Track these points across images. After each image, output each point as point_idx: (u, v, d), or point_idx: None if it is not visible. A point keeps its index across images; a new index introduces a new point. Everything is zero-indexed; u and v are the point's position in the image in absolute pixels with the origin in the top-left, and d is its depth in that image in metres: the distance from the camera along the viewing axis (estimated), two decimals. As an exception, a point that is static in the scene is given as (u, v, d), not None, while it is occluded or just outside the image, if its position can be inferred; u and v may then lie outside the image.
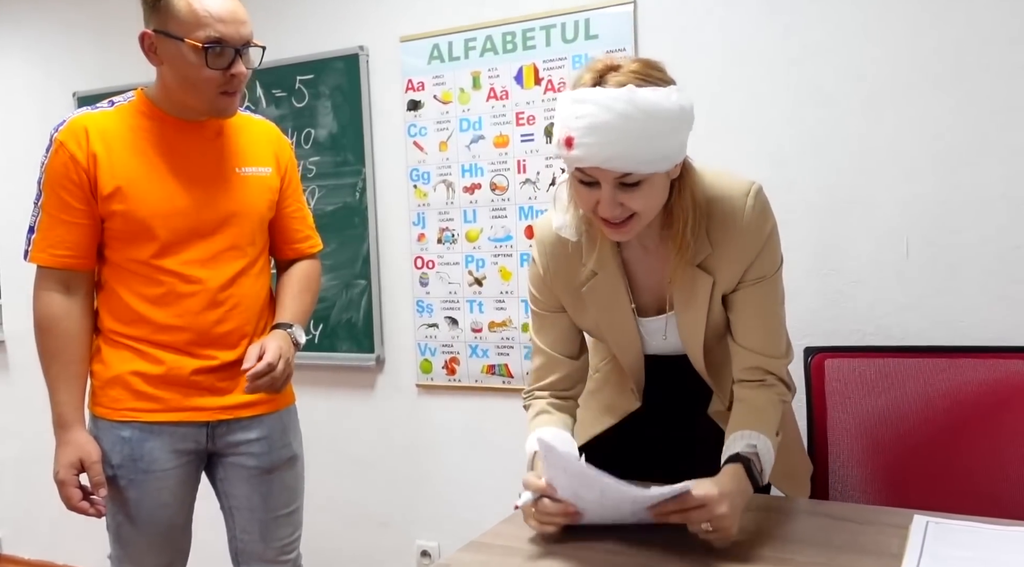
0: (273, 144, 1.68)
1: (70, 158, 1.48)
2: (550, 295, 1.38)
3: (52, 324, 1.53)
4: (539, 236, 1.37)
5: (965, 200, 1.80)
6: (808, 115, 1.93)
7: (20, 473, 3.20)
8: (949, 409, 1.66)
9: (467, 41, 2.29)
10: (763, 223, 1.25)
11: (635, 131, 1.08)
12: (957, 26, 1.78)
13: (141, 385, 1.55)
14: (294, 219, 1.73)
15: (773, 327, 1.31)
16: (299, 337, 1.62)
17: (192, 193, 1.54)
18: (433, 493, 2.48)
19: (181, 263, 1.53)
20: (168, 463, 1.57)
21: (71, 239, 1.51)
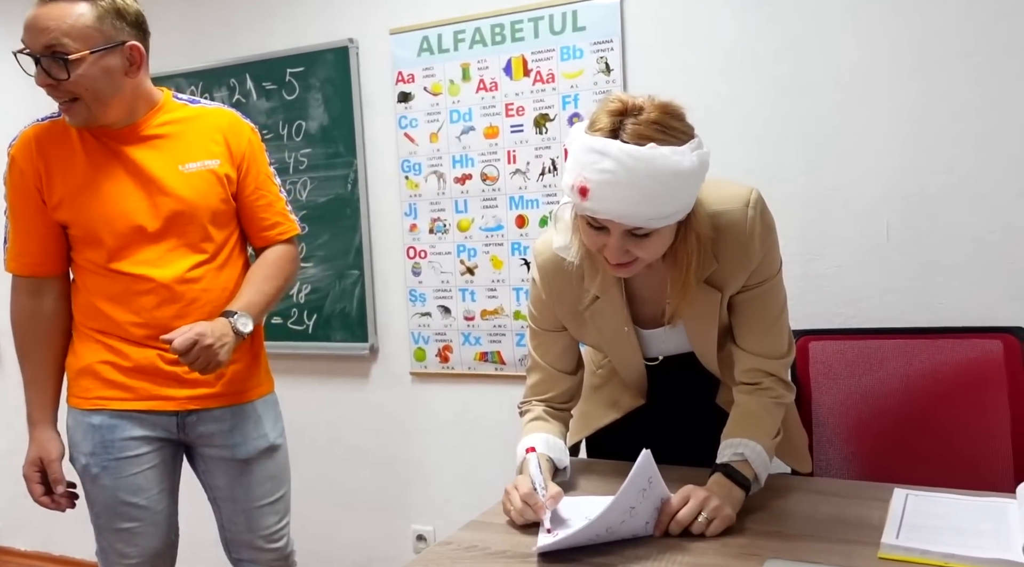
0: (224, 133, 1.63)
1: (20, 172, 1.55)
2: (550, 316, 1.40)
3: (23, 328, 1.61)
4: (539, 260, 1.38)
5: (942, 186, 1.86)
6: (790, 105, 1.98)
7: (14, 465, 3.20)
8: (928, 388, 1.72)
9: (456, 33, 2.32)
10: (765, 232, 1.27)
11: (650, 190, 1.09)
12: (933, 18, 1.84)
13: (111, 373, 1.58)
14: (258, 207, 1.68)
15: (773, 329, 1.33)
16: (242, 326, 1.55)
17: (132, 198, 1.54)
18: (428, 478, 2.53)
19: (132, 264, 1.55)
20: (139, 448, 1.59)
21: (36, 247, 1.58)
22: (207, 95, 2.67)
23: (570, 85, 2.20)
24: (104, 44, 1.45)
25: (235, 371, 1.66)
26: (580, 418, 1.56)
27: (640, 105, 1.13)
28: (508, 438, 2.38)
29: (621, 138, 1.11)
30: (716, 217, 1.25)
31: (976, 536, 1.08)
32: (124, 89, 1.50)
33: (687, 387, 1.47)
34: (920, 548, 1.04)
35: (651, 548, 1.14)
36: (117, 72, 1.48)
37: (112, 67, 1.47)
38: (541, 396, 1.45)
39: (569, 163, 1.15)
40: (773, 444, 1.30)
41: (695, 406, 1.47)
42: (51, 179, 1.54)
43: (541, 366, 1.45)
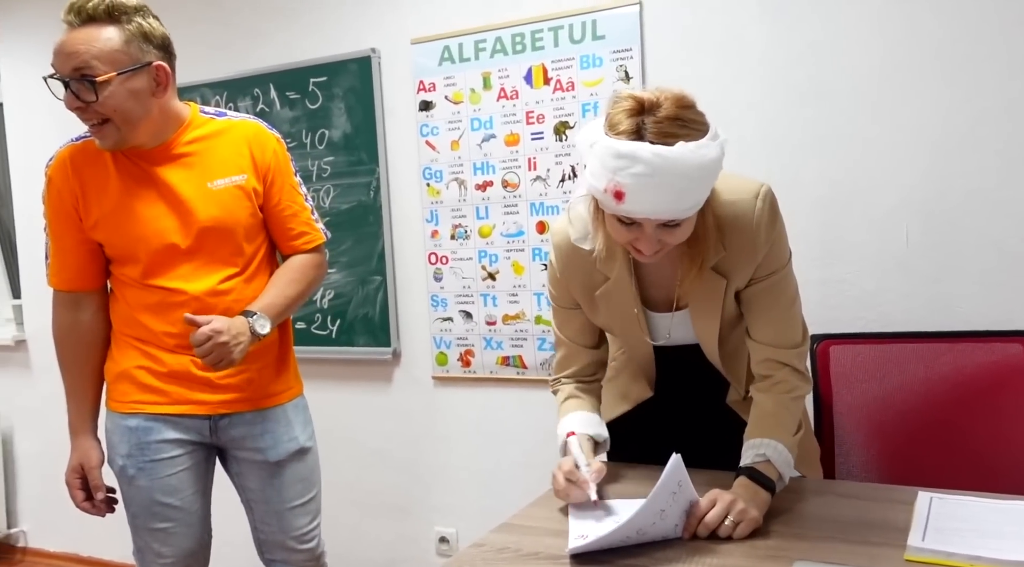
0: (250, 145, 1.66)
1: (58, 193, 1.60)
2: (567, 294, 1.46)
3: (63, 340, 1.68)
4: (555, 241, 1.44)
5: (962, 190, 1.88)
6: (809, 111, 2.00)
7: (44, 468, 3.28)
8: (949, 391, 1.74)
9: (477, 42, 2.35)
10: (772, 224, 1.31)
11: (682, 186, 1.14)
12: (953, 24, 1.85)
13: (147, 378, 1.63)
14: (284, 217, 1.71)
15: (786, 319, 1.37)
16: (259, 327, 1.57)
17: (164, 217, 1.58)
18: (450, 481, 2.57)
19: (166, 279, 1.60)
20: (173, 451, 1.65)
21: (74, 264, 1.64)
22: (232, 105, 2.71)
23: (590, 93, 2.23)
24: (131, 66, 1.49)
25: (265, 375, 1.71)
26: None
27: (654, 100, 1.16)
28: (529, 441, 2.42)
29: (647, 139, 1.14)
30: (726, 206, 1.30)
31: (1001, 539, 1.10)
32: (152, 110, 1.54)
33: (695, 383, 1.50)
34: (946, 550, 1.06)
35: (680, 550, 1.17)
36: (144, 93, 1.52)
37: (139, 88, 1.51)
38: (567, 370, 1.51)
39: (595, 166, 1.17)
40: (795, 441, 1.33)
41: (705, 404, 1.50)
42: (87, 200, 1.58)
43: (564, 341, 1.51)
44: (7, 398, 3.34)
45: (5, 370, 3.35)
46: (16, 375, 3.31)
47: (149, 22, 1.54)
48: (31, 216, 3.18)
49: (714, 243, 1.29)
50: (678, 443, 1.44)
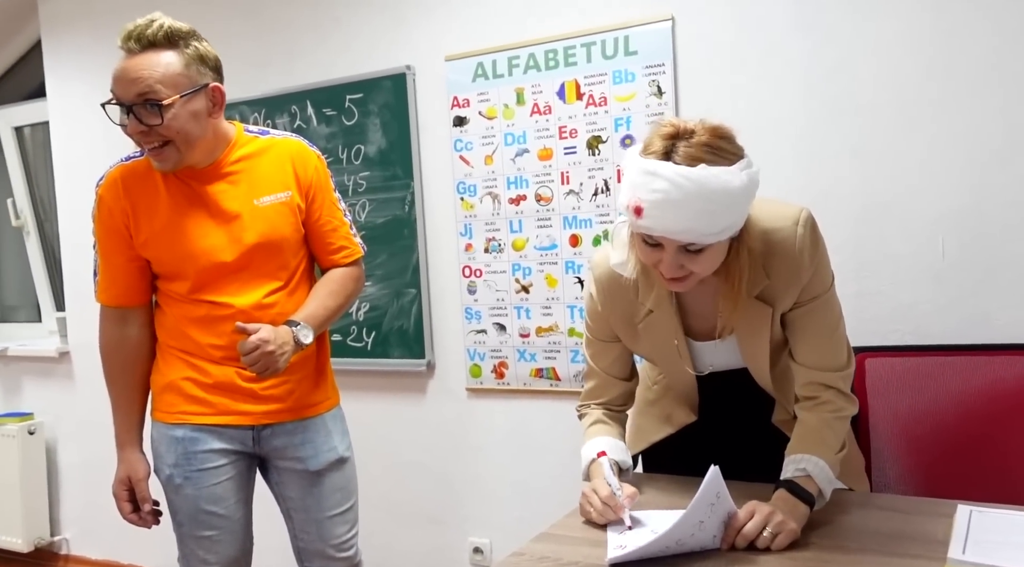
0: (293, 163, 1.71)
1: (109, 211, 1.65)
2: (605, 326, 1.47)
3: (110, 355, 1.73)
4: (596, 273, 1.45)
5: (998, 203, 1.87)
6: (845, 124, 2.01)
7: (86, 477, 3.36)
8: (986, 405, 1.73)
9: (510, 59, 2.39)
10: (814, 249, 1.31)
11: (702, 208, 1.16)
12: (987, 38, 1.86)
13: (193, 390, 1.68)
14: (325, 232, 1.76)
15: (830, 342, 1.37)
16: (303, 336, 1.62)
17: (213, 235, 1.63)
18: (484, 492, 2.59)
19: (213, 294, 1.65)
20: (219, 460, 1.69)
21: (123, 280, 1.69)
22: (270, 121, 2.78)
23: (622, 108, 2.25)
24: (191, 88, 1.55)
25: (304, 385, 1.75)
26: (636, 433, 1.61)
27: (691, 129, 1.20)
28: (562, 453, 2.44)
29: (673, 160, 1.17)
30: (767, 235, 1.30)
31: (1042, 552, 1.10)
32: (208, 130, 1.60)
33: (740, 405, 1.50)
34: (988, 564, 1.06)
35: (719, 561, 1.18)
36: (202, 114, 1.58)
37: (198, 110, 1.57)
38: (597, 400, 1.53)
39: (624, 184, 1.23)
40: (837, 459, 1.33)
41: (750, 425, 1.50)
42: (137, 218, 1.63)
43: (597, 372, 1.52)
44: (51, 408, 3.43)
45: (49, 381, 3.43)
46: (60, 386, 3.40)
47: (204, 45, 1.61)
48: (75, 231, 3.27)
49: (755, 273, 1.30)
50: (723, 463, 1.45)
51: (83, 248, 3.21)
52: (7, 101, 3.68)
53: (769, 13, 2.07)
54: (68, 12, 3.22)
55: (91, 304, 3.32)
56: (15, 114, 3.59)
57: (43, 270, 3.64)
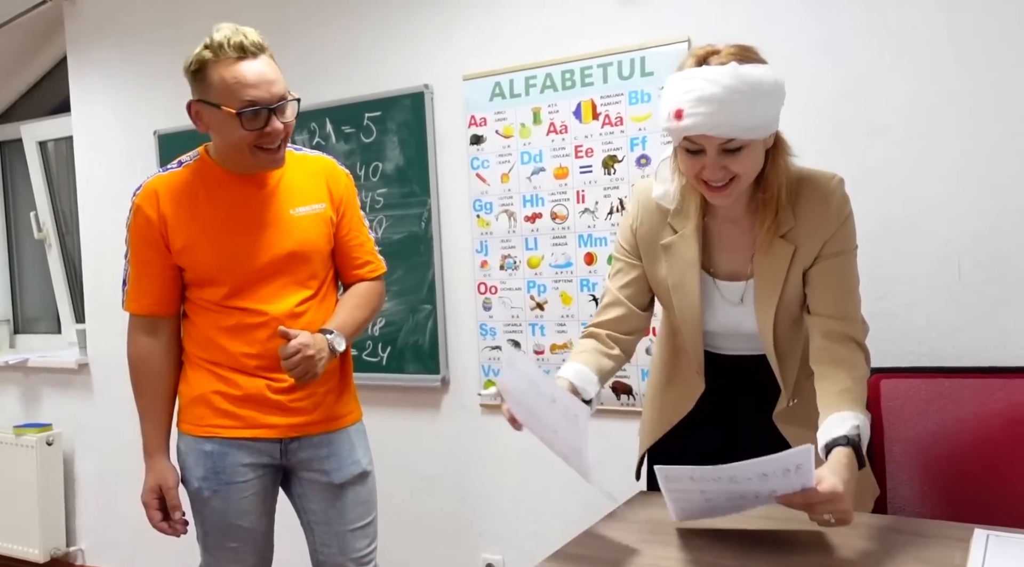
0: (326, 178, 1.78)
1: (146, 220, 1.67)
2: (632, 241, 1.53)
3: (140, 364, 1.74)
4: (637, 192, 1.54)
5: (1015, 225, 1.87)
6: (858, 146, 2.02)
7: (102, 488, 3.39)
8: (1003, 428, 1.73)
9: (528, 79, 2.42)
10: (844, 205, 1.40)
11: (738, 102, 1.24)
12: (1006, 57, 1.86)
13: (222, 403, 1.70)
14: (353, 247, 1.83)
15: (848, 296, 1.42)
16: (337, 344, 1.68)
17: (250, 241, 1.68)
18: (497, 508, 2.59)
19: (248, 301, 1.69)
20: (247, 475, 1.72)
21: (155, 289, 1.71)
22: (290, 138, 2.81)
23: (638, 128, 2.27)
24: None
25: (330, 398, 1.78)
26: (652, 417, 1.63)
27: (719, 48, 1.31)
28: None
29: (708, 66, 1.27)
30: (803, 179, 1.40)
31: (1059, 579, 1.09)
32: None
33: (746, 393, 1.53)
34: (1003, 589, 1.06)
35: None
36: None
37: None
38: (604, 317, 1.54)
39: (663, 102, 1.31)
40: (868, 419, 1.33)
41: (753, 419, 1.52)
42: (175, 226, 1.66)
43: (610, 291, 1.56)
44: (70, 419, 3.47)
45: (69, 392, 3.47)
46: (79, 397, 3.44)
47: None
48: (97, 245, 3.32)
49: (783, 212, 1.38)
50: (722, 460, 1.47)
51: (104, 261, 3.28)
52: (32, 116, 3.75)
53: (784, 36, 2.09)
54: (94, 29, 3.28)
55: (111, 316, 3.35)
56: (40, 129, 3.66)
57: (64, 282, 3.70)
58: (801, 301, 1.45)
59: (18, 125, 3.72)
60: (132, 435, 3.28)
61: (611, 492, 1.35)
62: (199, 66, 1.58)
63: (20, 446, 3.35)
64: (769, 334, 1.46)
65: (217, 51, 1.56)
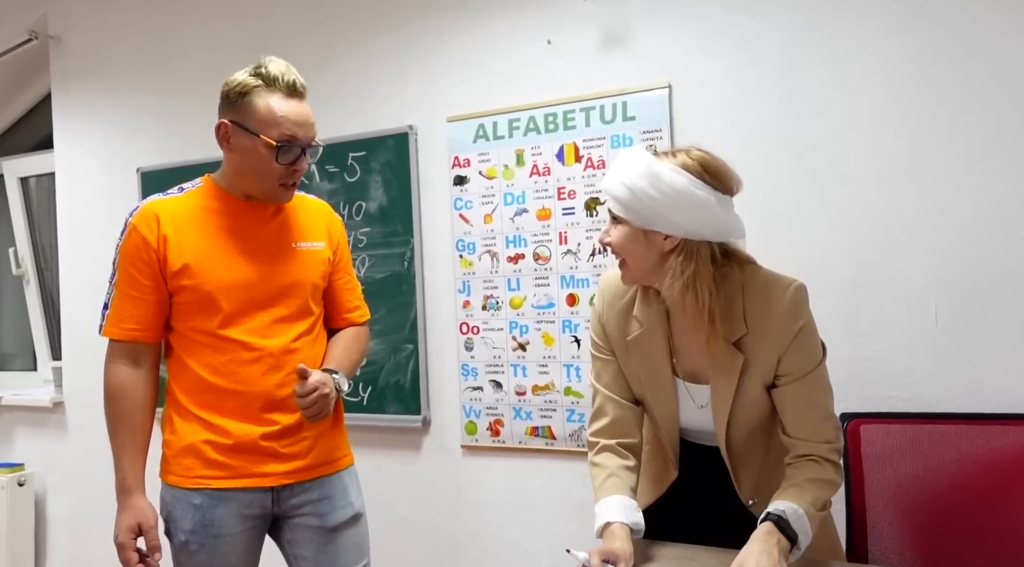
0: (326, 220, 1.81)
1: (142, 240, 1.62)
2: (604, 336, 1.54)
3: (119, 394, 1.65)
4: (602, 286, 1.56)
5: (989, 272, 1.90)
6: (834, 193, 2.05)
7: (74, 530, 3.31)
8: (981, 474, 1.73)
9: (511, 121, 2.44)
10: (795, 316, 1.37)
11: (628, 180, 1.36)
12: (974, 112, 1.91)
13: (212, 453, 1.64)
14: (345, 291, 1.84)
15: (819, 417, 1.40)
16: (342, 384, 1.68)
17: (253, 267, 1.66)
18: (478, 550, 2.56)
19: (243, 332, 1.64)
20: (236, 527, 1.66)
21: (139, 314, 1.64)
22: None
23: (620, 171, 2.30)
24: None
25: (323, 442, 1.74)
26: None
27: (687, 148, 1.40)
28: (557, 512, 2.42)
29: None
30: (758, 282, 1.40)
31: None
32: None
33: (717, 482, 1.52)
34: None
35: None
36: None
37: None
38: (601, 423, 1.54)
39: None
40: (817, 515, 1.34)
41: (725, 503, 1.52)
42: (172, 248, 1.62)
43: (599, 390, 1.56)
44: (42, 459, 3.40)
45: (42, 431, 3.41)
46: (53, 437, 3.38)
47: None
48: (75, 281, 3.29)
49: (733, 319, 1.38)
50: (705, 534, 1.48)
51: (83, 298, 3.24)
52: (14, 151, 3.73)
53: (762, 85, 2.13)
54: (78, 67, 3.29)
55: (88, 353, 3.30)
56: (21, 165, 3.65)
57: (41, 319, 3.66)
58: (761, 412, 1.45)
59: (0, 161, 3.70)
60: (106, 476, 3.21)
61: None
62: (245, 91, 1.59)
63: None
64: (722, 440, 1.47)
65: (270, 82, 1.58)
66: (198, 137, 3.00)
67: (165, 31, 3.10)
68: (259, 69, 1.60)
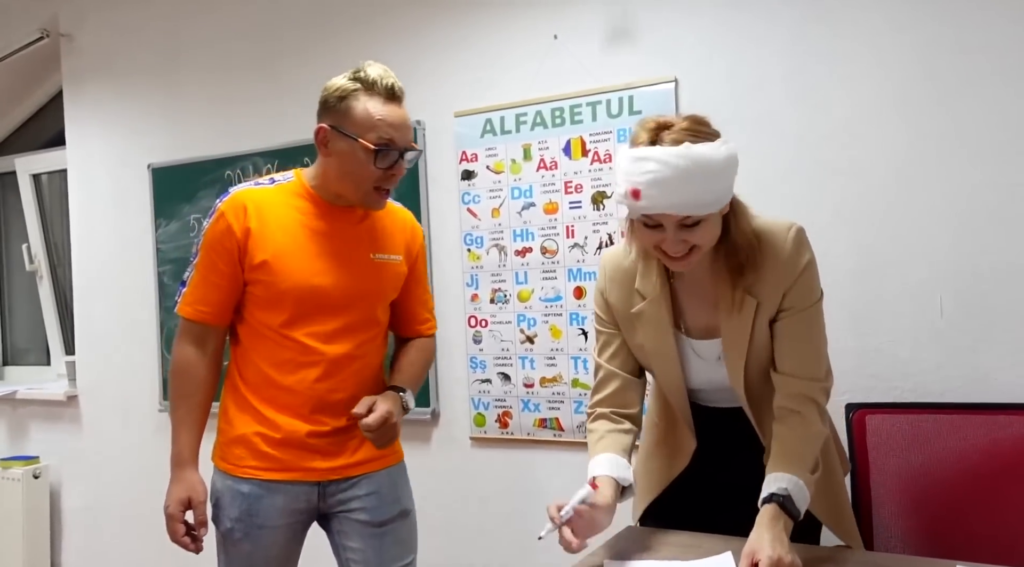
0: (407, 233, 1.79)
1: (227, 228, 1.62)
2: (608, 311, 1.55)
3: (183, 370, 1.68)
4: (603, 261, 1.57)
5: (994, 266, 1.91)
6: (840, 185, 2.06)
7: (88, 522, 3.36)
8: (986, 463, 1.75)
9: (518, 116, 2.46)
10: (799, 253, 1.40)
11: (692, 181, 1.26)
12: (979, 103, 1.92)
13: (262, 445, 1.66)
14: (419, 303, 1.83)
15: (811, 353, 1.42)
16: (409, 402, 1.69)
17: (329, 273, 1.65)
18: (487, 542, 2.59)
19: (305, 334, 1.64)
20: (280, 520, 1.67)
21: (212, 298, 1.65)
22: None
23: (626, 164, 2.31)
24: None
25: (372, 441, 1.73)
26: (647, 476, 1.63)
27: (671, 121, 1.32)
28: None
29: (660, 145, 1.28)
30: (759, 234, 1.40)
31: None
32: None
33: (735, 444, 1.54)
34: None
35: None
36: None
37: None
38: (601, 393, 1.55)
39: (618, 176, 1.32)
40: (812, 479, 1.36)
41: (745, 464, 1.52)
42: (258, 240, 1.62)
43: (601, 365, 1.57)
44: (57, 452, 3.45)
45: (57, 425, 3.46)
46: (67, 430, 3.42)
47: None
48: (88, 276, 3.33)
49: (751, 257, 1.39)
50: (723, 506, 1.49)
51: (95, 293, 3.28)
52: (26, 149, 3.78)
53: (767, 78, 2.14)
54: (90, 66, 3.33)
55: (101, 348, 3.34)
56: (34, 162, 3.69)
57: (54, 314, 3.70)
58: (771, 353, 1.46)
59: (12, 158, 3.75)
60: (120, 469, 3.27)
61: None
62: (344, 95, 1.59)
63: (6, 479, 3.32)
64: (741, 389, 1.47)
65: (369, 86, 1.58)
66: (208, 133, 3.03)
67: (175, 29, 3.13)
68: (358, 73, 1.60)
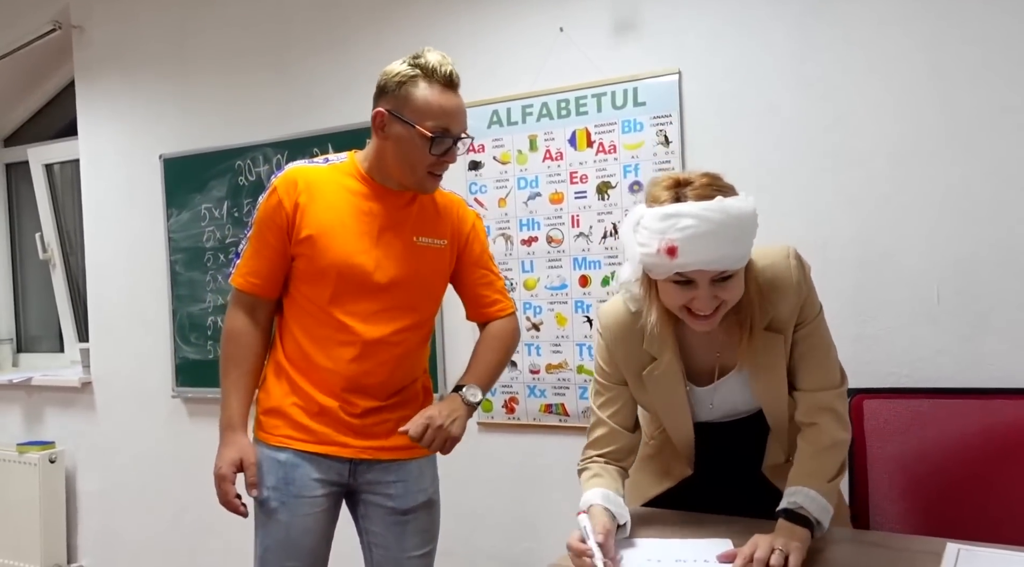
0: (453, 218, 1.79)
1: (278, 203, 1.67)
2: (617, 370, 1.52)
3: (235, 337, 1.73)
4: (604, 322, 1.51)
5: (991, 253, 1.95)
6: (841, 176, 2.10)
7: (104, 505, 3.43)
8: (982, 447, 1.79)
9: (524, 107, 2.50)
10: (803, 276, 1.42)
11: (727, 235, 1.25)
12: (983, 92, 1.95)
13: (299, 416, 1.70)
14: (479, 286, 1.84)
15: (825, 362, 1.44)
16: (471, 397, 1.70)
17: (371, 253, 1.67)
18: (493, 525, 2.64)
19: (345, 314, 1.67)
20: (315, 490, 1.71)
21: (263, 270, 1.71)
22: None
23: (631, 155, 2.36)
24: None
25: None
26: (632, 488, 1.64)
27: (687, 177, 1.31)
28: (571, 488, 2.47)
29: (688, 201, 1.27)
30: (765, 271, 1.40)
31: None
32: None
33: (731, 457, 1.56)
34: (971, 599, 1.13)
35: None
36: None
37: None
38: (600, 450, 1.52)
39: (643, 238, 1.28)
40: (831, 487, 1.38)
41: (740, 476, 1.56)
42: (307, 215, 1.66)
43: (603, 421, 1.53)
44: (72, 437, 3.51)
45: (71, 410, 3.52)
46: (81, 415, 3.48)
47: None
48: (100, 264, 3.38)
49: (761, 304, 1.39)
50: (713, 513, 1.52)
51: (107, 281, 3.34)
52: (38, 139, 3.82)
53: (771, 70, 2.18)
54: (101, 56, 3.37)
55: (114, 335, 3.40)
56: (46, 152, 3.74)
57: (67, 302, 3.76)
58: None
59: (25, 148, 3.80)
60: (134, 453, 3.33)
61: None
62: (403, 81, 1.62)
63: (23, 464, 3.39)
64: (783, 414, 1.49)
65: (428, 73, 1.61)
66: (219, 123, 3.08)
67: (185, 20, 3.17)
68: (417, 59, 1.63)
